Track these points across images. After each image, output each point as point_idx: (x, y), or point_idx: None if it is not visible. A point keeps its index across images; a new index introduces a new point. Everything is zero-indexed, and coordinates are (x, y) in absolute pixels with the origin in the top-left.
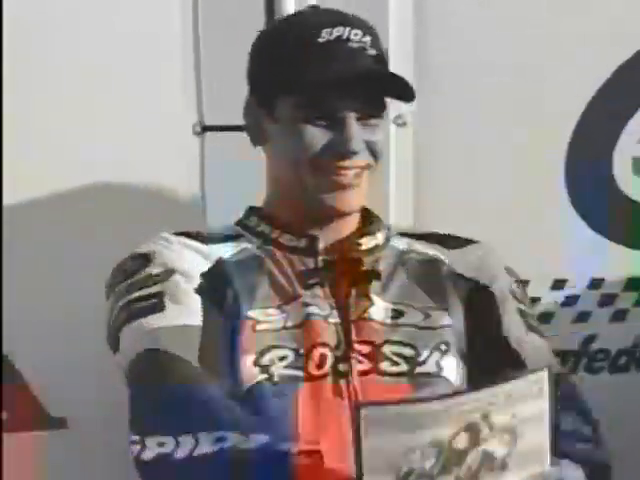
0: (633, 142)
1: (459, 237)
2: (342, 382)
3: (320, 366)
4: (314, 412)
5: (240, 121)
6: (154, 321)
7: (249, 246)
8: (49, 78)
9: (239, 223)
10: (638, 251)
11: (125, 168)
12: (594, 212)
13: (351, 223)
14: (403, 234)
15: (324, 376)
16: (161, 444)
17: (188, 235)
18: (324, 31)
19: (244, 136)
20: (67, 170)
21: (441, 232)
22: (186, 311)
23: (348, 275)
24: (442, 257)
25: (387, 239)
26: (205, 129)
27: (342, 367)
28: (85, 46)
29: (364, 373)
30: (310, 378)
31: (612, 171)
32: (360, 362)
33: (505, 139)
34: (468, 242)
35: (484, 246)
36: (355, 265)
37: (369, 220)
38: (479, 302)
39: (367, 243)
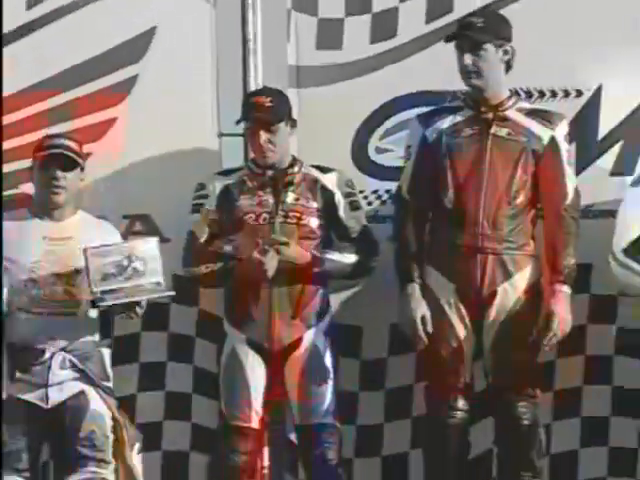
0: (376, 139)
1: (332, 169)
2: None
3: (265, 220)
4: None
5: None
6: (197, 216)
7: (243, 173)
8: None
9: (246, 162)
10: (378, 180)
11: (172, 158)
12: (365, 166)
13: (285, 163)
14: (312, 166)
15: (267, 224)
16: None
17: (221, 173)
18: (253, 97)
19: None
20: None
21: (324, 166)
22: (210, 212)
23: (278, 183)
24: (322, 179)
25: (300, 169)
26: (222, 135)
27: (272, 220)
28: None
29: (283, 221)
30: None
31: (368, 150)
32: (281, 217)
33: None
34: (332, 170)
35: (340, 173)
36: (282, 179)
37: (293, 161)
38: (332, 201)
39: (289, 171)
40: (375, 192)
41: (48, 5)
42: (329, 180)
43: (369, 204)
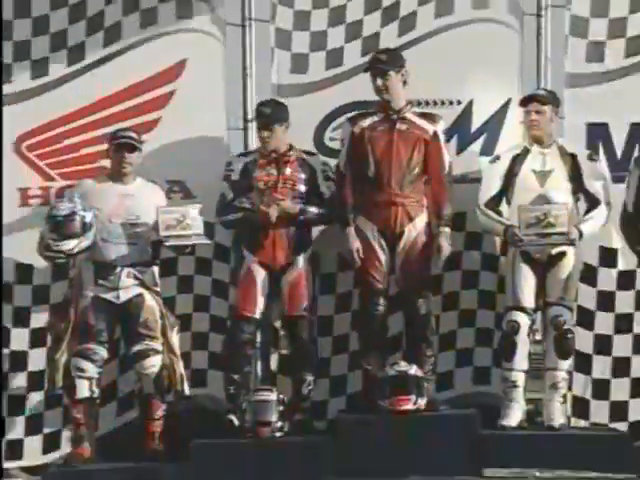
0: (329, 132)
1: (314, 153)
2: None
3: (271, 185)
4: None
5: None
6: (225, 183)
7: (256, 154)
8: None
9: (246, 149)
10: (331, 158)
11: (197, 143)
12: (322, 149)
13: (284, 148)
14: (302, 151)
15: (272, 188)
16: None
17: (242, 154)
18: (260, 107)
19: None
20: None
21: (310, 150)
22: (235, 183)
23: (280, 161)
24: (308, 159)
25: (295, 152)
26: (229, 128)
27: (275, 185)
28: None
29: (282, 186)
30: (265, 185)
31: (324, 139)
32: (281, 183)
33: None
34: (315, 154)
35: (319, 156)
36: (282, 159)
37: (290, 147)
38: (313, 174)
39: (287, 153)
40: None
41: (119, 45)
42: (312, 160)
43: None
